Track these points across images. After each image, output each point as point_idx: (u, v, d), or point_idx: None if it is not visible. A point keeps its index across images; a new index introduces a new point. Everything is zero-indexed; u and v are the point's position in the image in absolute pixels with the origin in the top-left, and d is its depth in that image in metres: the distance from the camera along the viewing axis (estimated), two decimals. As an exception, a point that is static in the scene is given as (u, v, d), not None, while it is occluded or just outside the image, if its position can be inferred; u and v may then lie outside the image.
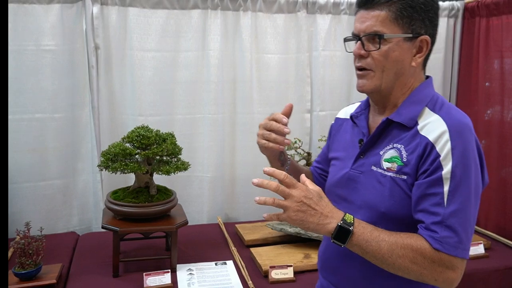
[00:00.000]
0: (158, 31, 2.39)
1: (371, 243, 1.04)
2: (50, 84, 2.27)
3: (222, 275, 1.91)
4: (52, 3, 2.21)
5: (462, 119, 1.10)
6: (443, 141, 1.06)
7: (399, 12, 1.11)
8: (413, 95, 1.17)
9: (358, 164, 1.22)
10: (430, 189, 1.06)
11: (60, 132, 2.32)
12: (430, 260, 1.03)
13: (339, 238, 1.04)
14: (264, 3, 2.51)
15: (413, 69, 1.17)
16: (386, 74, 1.14)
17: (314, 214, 1.03)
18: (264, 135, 1.24)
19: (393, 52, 1.12)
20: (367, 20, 1.13)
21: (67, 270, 1.92)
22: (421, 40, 1.14)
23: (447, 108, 1.14)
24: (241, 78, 2.54)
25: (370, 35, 1.12)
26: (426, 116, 1.13)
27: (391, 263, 1.04)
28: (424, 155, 1.08)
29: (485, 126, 2.58)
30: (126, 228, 1.83)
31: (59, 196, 2.37)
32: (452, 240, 1.03)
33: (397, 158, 1.13)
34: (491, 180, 2.51)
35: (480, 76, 2.61)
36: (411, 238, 1.05)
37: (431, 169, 1.06)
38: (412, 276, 1.06)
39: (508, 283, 2.05)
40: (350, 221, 1.05)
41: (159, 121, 2.41)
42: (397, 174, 1.12)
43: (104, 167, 1.85)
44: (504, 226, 2.44)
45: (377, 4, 1.11)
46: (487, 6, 2.56)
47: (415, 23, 1.12)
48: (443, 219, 1.03)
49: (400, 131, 1.15)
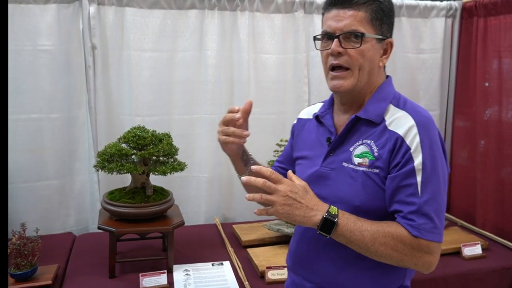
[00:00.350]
0: (155, 31, 2.39)
1: (355, 233, 1.10)
2: (47, 84, 2.26)
3: (218, 275, 1.90)
4: (49, 3, 2.21)
5: (426, 114, 1.18)
6: (412, 134, 1.13)
7: (374, 13, 1.17)
8: (377, 93, 1.24)
9: (328, 162, 1.25)
10: (404, 181, 1.12)
11: (57, 132, 2.31)
12: (410, 246, 1.10)
13: (324, 229, 1.09)
14: (262, 3, 2.50)
15: (379, 69, 1.24)
16: (361, 73, 1.19)
17: (300, 207, 1.08)
18: (223, 131, 1.26)
19: (368, 51, 1.17)
20: (344, 19, 1.16)
21: (63, 271, 1.91)
22: (387, 43, 1.22)
23: (410, 105, 1.21)
24: (238, 78, 2.53)
25: (350, 34, 1.16)
26: (392, 112, 1.20)
27: (373, 251, 1.11)
28: (395, 149, 1.14)
29: (483, 127, 2.58)
30: (122, 229, 1.83)
31: (56, 196, 2.37)
32: (428, 226, 1.10)
33: (368, 153, 1.18)
34: (488, 180, 2.53)
35: (478, 76, 2.61)
36: (391, 227, 1.12)
37: (403, 162, 1.13)
38: (393, 262, 1.12)
39: (506, 284, 2.05)
40: (334, 212, 1.10)
41: (156, 121, 2.41)
42: (369, 168, 1.17)
43: (100, 167, 1.84)
44: (502, 227, 2.43)
45: (355, 4, 1.15)
46: (485, 6, 2.55)
47: (384, 26, 1.19)
48: (419, 208, 1.10)
49: (368, 128, 1.20)
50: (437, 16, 2.76)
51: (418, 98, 2.82)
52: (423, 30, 2.77)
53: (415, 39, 2.77)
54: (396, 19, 2.68)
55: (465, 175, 2.76)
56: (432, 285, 1.95)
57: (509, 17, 2.41)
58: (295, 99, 2.63)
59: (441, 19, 2.76)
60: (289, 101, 2.63)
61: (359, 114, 1.21)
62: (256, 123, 2.58)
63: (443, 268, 2.01)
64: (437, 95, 2.83)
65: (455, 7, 2.76)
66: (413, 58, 2.78)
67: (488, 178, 2.53)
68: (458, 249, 2.14)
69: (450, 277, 1.98)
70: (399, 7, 2.70)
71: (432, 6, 2.75)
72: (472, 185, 2.66)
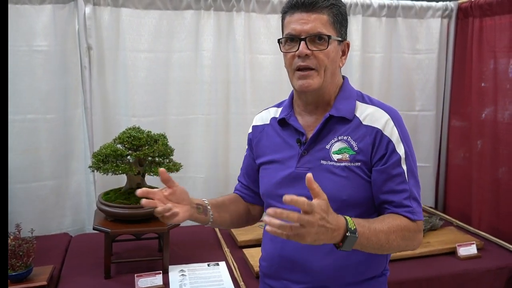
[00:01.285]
0: (151, 32, 2.39)
1: (372, 238, 1.11)
2: (43, 85, 2.26)
3: (214, 276, 1.91)
4: (44, 3, 2.21)
5: (394, 108, 1.28)
6: (390, 127, 1.21)
7: (335, 17, 1.23)
8: (343, 92, 1.30)
9: (304, 162, 1.26)
10: (394, 171, 1.20)
11: (52, 132, 2.31)
12: (414, 231, 1.19)
13: (347, 247, 1.06)
14: (257, 4, 2.50)
15: (339, 69, 1.30)
16: (326, 73, 1.23)
17: (326, 232, 1.01)
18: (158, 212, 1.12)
19: (332, 53, 1.22)
20: (309, 22, 1.20)
21: (59, 272, 1.91)
22: (345, 44, 1.28)
23: (377, 101, 1.30)
24: (234, 79, 2.53)
25: (316, 36, 1.20)
26: (361, 108, 1.27)
27: (386, 248, 1.15)
28: (376, 142, 1.21)
29: (479, 127, 2.59)
30: (117, 230, 1.83)
31: (52, 197, 2.37)
32: (418, 209, 1.21)
33: (347, 148, 1.23)
34: (484, 180, 2.53)
35: (474, 77, 2.61)
36: (396, 220, 1.17)
37: (388, 153, 1.20)
38: (399, 250, 1.20)
39: (501, 284, 2.05)
40: (352, 227, 1.05)
41: (152, 122, 2.41)
42: (351, 163, 1.22)
43: (95, 168, 1.84)
44: (497, 227, 2.44)
45: (318, 8, 1.20)
46: (480, 7, 2.56)
47: (342, 29, 1.26)
48: (410, 194, 1.20)
49: (341, 125, 1.25)
50: (433, 16, 2.77)
51: (414, 98, 2.83)
52: (419, 30, 2.78)
53: (411, 39, 2.78)
54: (391, 19, 2.73)
55: (461, 175, 2.76)
56: (427, 285, 1.95)
57: (504, 18, 2.42)
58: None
59: (437, 19, 2.77)
60: (284, 101, 2.63)
61: (332, 113, 1.25)
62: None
63: (439, 268, 2.02)
64: (433, 95, 2.84)
65: (451, 8, 2.77)
66: (409, 58, 2.79)
67: (484, 178, 2.53)
68: (453, 249, 2.14)
69: (446, 277, 1.99)
70: (395, 7, 2.70)
71: (428, 6, 2.76)
72: (468, 185, 2.67)
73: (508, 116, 2.40)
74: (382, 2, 2.68)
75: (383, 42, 2.72)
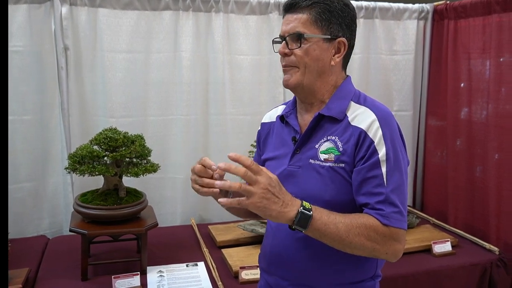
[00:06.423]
0: (128, 32, 2.38)
1: (329, 226, 1.11)
2: (19, 86, 2.23)
3: (192, 276, 1.91)
4: (19, 3, 2.18)
5: (386, 109, 1.25)
6: (374, 128, 1.19)
7: (318, 15, 1.23)
8: (338, 92, 1.29)
9: (295, 160, 1.28)
10: (370, 173, 1.17)
11: (29, 134, 2.29)
12: (382, 235, 1.13)
13: (300, 224, 1.09)
14: (236, 5, 2.51)
15: (334, 68, 1.28)
16: (308, 71, 1.24)
17: (277, 201, 1.07)
18: (197, 180, 1.19)
19: (313, 51, 1.23)
20: (291, 22, 1.24)
21: (35, 274, 1.89)
22: (339, 42, 1.26)
23: (370, 101, 1.28)
24: (213, 79, 2.54)
25: (294, 35, 1.23)
26: (353, 108, 1.25)
27: (348, 243, 1.12)
28: (359, 143, 1.19)
29: (454, 126, 2.64)
30: (94, 231, 1.82)
31: (29, 199, 2.34)
32: (395, 215, 1.15)
33: (333, 149, 1.22)
34: (460, 180, 2.58)
35: (449, 78, 2.66)
36: (363, 218, 1.14)
37: (367, 155, 1.18)
38: (366, 253, 1.15)
39: (474, 279, 2.10)
40: (308, 207, 1.10)
41: (131, 123, 2.40)
42: (335, 163, 1.21)
43: (72, 169, 1.83)
44: (472, 224, 2.49)
45: (300, 8, 1.23)
46: (455, 9, 2.61)
47: (333, 26, 1.24)
48: (386, 198, 1.15)
49: (332, 125, 1.25)
50: (409, 18, 2.81)
51: (392, 98, 2.87)
52: (396, 32, 2.82)
53: (388, 41, 2.82)
54: (369, 21, 2.76)
55: (438, 174, 2.81)
56: (402, 282, 1.99)
57: (477, 20, 2.47)
58: (270, 99, 2.65)
59: (414, 21, 2.82)
60: (264, 102, 2.64)
61: (322, 112, 1.26)
62: (231, 124, 2.60)
63: (414, 265, 2.05)
64: (410, 95, 2.88)
65: (427, 10, 2.82)
66: (386, 59, 2.83)
67: (460, 177, 2.58)
68: (429, 246, 2.19)
69: (421, 274, 2.02)
70: (372, 9, 2.74)
71: (405, 8, 2.80)
72: (444, 184, 2.72)
73: (483, 116, 2.45)
74: (359, 4, 2.71)
75: (361, 43, 2.75)
